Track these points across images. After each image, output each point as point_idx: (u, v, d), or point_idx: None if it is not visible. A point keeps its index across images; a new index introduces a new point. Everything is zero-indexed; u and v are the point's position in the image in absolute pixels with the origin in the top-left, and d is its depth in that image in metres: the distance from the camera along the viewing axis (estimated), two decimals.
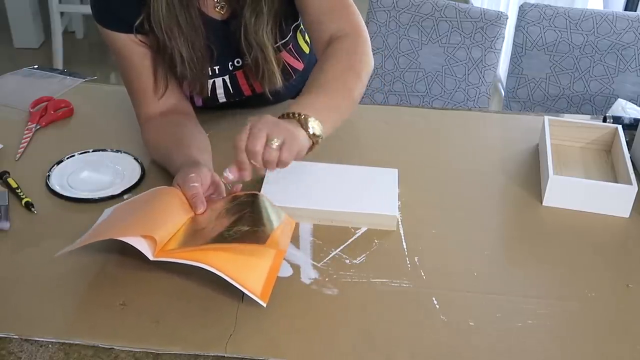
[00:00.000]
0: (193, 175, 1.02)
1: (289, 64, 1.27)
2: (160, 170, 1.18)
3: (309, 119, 1.00)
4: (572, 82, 1.87)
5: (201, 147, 1.14)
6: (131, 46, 1.15)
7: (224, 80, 1.25)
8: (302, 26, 1.28)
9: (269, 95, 1.24)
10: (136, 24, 1.12)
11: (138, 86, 1.19)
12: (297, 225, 1.06)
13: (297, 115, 1.00)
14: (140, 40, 1.15)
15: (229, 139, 1.27)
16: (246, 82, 1.27)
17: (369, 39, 1.16)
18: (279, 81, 1.22)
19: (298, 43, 1.29)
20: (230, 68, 1.24)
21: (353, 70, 1.10)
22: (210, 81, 1.24)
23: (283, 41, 1.24)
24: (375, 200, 1.09)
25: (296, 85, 1.35)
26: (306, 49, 1.32)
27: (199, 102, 1.27)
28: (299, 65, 1.30)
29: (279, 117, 1.00)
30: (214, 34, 1.18)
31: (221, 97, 1.27)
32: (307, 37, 1.32)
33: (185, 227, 0.97)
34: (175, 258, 0.91)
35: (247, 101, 1.31)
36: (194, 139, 1.16)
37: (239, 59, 1.24)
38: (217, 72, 1.23)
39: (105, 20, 1.15)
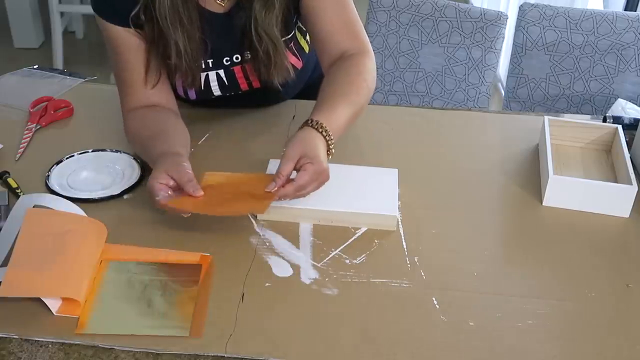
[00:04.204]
0: (185, 164, 1.04)
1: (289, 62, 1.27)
2: None
3: (332, 144, 1.08)
4: (572, 82, 1.87)
5: (182, 142, 1.15)
6: (127, 37, 1.16)
7: (217, 74, 1.25)
8: (300, 24, 1.28)
9: (279, 87, 1.24)
10: (132, 14, 1.13)
11: (129, 76, 1.20)
12: (297, 225, 1.06)
13: (327, 137, 1.08)
14: (136, 31, 1.15)
15: (229, 140, 1.27)
16: (243, 76, 1.27)
17: (373, 55, 1.23)
18: (291, 72, 1.23)
19: (299, 42, 1.29)
20: (227, 63, 1.24)
21: (364, 81, 1.18)
22: (204, 74, 1.24)
23: (286, 37, 1.24)
24: (375, 200, 1.09)
25: (294, 85, 1.35)
26: (306, 48, 1.32)
27: (192, 95, 1.27)
28: (299, 64, 1.30)
29: (308, 124, 1.07)
30: (212, 27, 1.18)
31: (215, 90, 1.27)
32: (307, 37, 1.32)
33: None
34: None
35: (243, 96, 1.31)
36: (177, 132, 1.17)
37: (237, 55, 1.24)
38: (210, 65, 1.23)
39: (103, 10, 1.16)
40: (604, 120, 1.34)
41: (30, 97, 1.37)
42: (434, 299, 0.94)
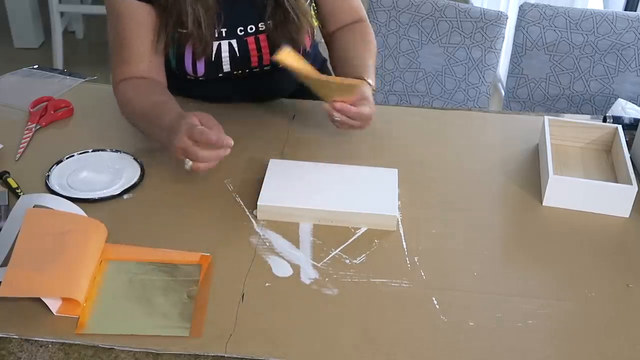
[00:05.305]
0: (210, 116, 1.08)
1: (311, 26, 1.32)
2: (160, 170, 1.18)
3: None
4: (572, 82, 1.87)
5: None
6: (134, 9, 1.18)
7: (230, 45, 1.26)
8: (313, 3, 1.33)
9: (300, 49, 1.28)
10: None
11: (129, 49, 1.21)
12: (297, 225, 1.06)
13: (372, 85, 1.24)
14: (145, 3, 1.17)
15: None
16: (256, 48, 1.28)
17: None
18: (316, 29, 1.33)
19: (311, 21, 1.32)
20: (240, 33, 1.26)
21: (373, 44, 1.37)
22: (216, 44, 1.25)
23: None
24: (375, 200, 1.09)
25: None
26: (315, 28, 1.34)
27: (201, 69, 1.27)
28: (308, 42, 1.32)
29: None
30: None
31: (225, 64, 1.28)
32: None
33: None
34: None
35: (248, 80, 1.31)
36: (175, 101, 1.18)
37: (252, 26, 1.25)
38: (223, 34, 1.25)
39: None
40: (604, 120, 1.34)
41: (30, 97, 1.37)
42: (434, 299, 0.94)
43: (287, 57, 1.15)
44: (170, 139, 1.05)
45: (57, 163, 1.18)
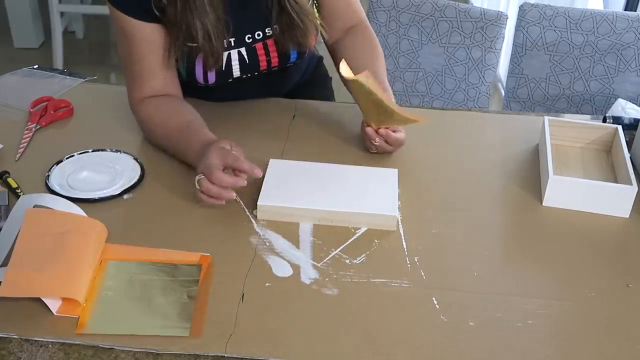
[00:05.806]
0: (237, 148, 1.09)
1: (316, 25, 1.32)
2: (159, 170, 1.18)
3: None
4: (572, 82, 1.87)
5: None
6: (143, 29, 1.17)
7: (239, 53, 1.26)
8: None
9: (297, 59, 1.29)
10: None
11: (143, 67, 1.21)
12: (297, 225, 1.06)
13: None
14: (153, 23, 1.17)
15: (228, 139, 1.27)
16: (264, 53, 1.28)
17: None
18: (324, 34, 1.33)
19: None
20: (249, 41, 1.26)
21: (378, 48, 1.41)
22: (225, 54, 1.25)
23: None
24: (375, 200, 1.09)
25: (297, 69, 1.40)
26: (319, 27, 1.34)
27: (212, 78, 1.28)
28: (313, 42, 1.32)
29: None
30: (234, 4, 1.20)
31: (235, 71, 1.28)
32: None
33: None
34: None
35: (258, 79, 1.32)
36: (201, 121, 1.20)
37: (259, 32, 1.26)
38: (232, 44, 1.25)
39: (122, 2, 1.16)
40: (604, 120, 1.34)
41: (30, 97, 1.37)
42: (434, 299, 0.94)
43: (348, 72, 1.16)
44: (200, 161, 1.07)
45: (57, 163, 1.18)
